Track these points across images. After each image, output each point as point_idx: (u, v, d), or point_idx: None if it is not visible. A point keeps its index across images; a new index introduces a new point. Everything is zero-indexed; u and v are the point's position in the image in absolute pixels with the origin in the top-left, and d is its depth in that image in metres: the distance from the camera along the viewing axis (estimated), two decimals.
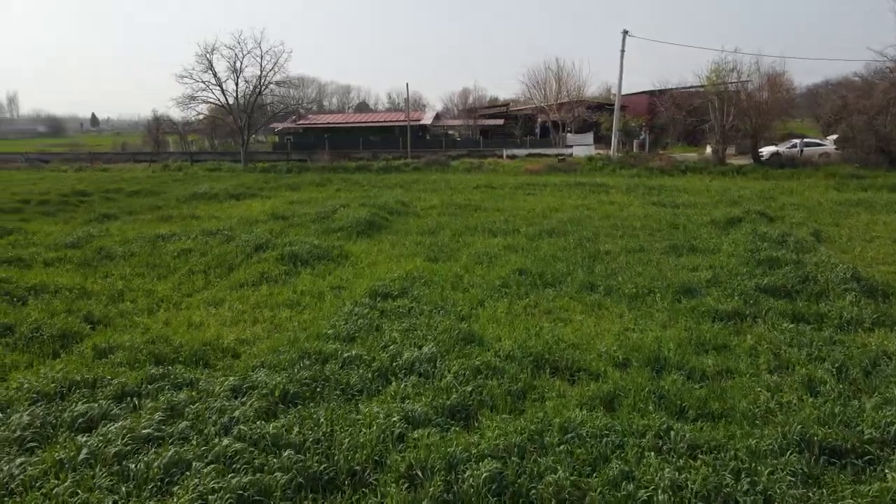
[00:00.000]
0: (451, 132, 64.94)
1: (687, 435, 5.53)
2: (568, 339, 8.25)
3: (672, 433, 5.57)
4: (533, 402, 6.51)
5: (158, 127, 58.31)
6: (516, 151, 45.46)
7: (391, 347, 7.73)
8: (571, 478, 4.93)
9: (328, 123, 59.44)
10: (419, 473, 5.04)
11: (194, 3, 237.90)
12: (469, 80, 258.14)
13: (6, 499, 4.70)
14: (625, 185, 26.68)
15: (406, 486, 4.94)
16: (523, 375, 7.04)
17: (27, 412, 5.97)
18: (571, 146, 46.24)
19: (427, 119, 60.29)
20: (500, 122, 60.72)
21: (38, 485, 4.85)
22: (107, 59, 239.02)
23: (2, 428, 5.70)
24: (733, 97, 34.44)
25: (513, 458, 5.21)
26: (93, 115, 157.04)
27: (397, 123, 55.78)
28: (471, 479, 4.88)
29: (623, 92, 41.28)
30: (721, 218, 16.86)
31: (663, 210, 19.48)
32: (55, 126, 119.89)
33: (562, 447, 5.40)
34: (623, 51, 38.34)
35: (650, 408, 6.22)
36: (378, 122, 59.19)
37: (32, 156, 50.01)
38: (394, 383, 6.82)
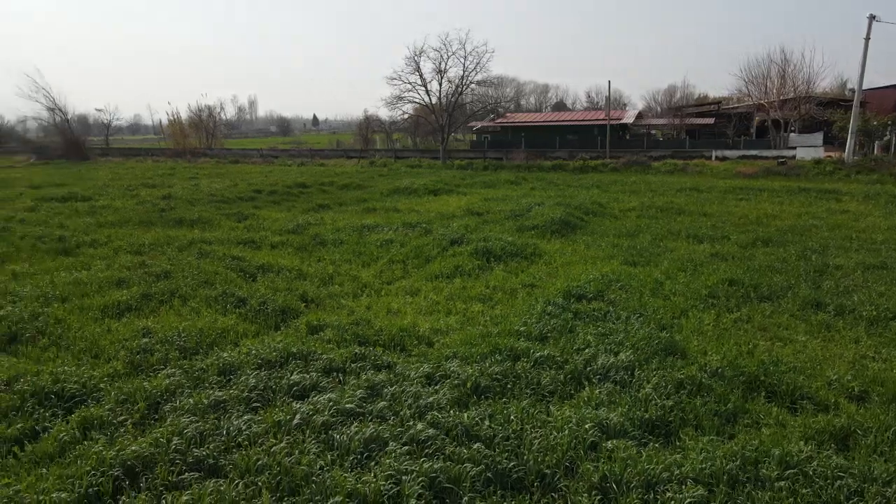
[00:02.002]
0: (653, 132, 61.87)
1: None
2: (788, 361, 7.29)
3: None
4: (745, 427, 5.81)
5: (368, 126, 63.19)
6: (727, 153, 41.81)
7: (585, 351, 7.40)
8: None
9: (525, 122, 59.83)
10: (614, 487, 4.71)
11: (403, 8, 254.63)
12: (676, 76, 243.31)
13: (234, 450, 5.25)
14: (862, 192, 23.21)
15: (599, 498, 4.65)
16: (733, 396, 6.32)
17: (253, 375, 6.66)
18: (794, 147, 41.40)
19: (628, 118, 57.98)
20: (710, 121, 56.42)
21: (259, 441, 5.36)
22: (330, 67, 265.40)
23: (234, 387, 6.42)
24: None
25: (721, 487, 4.66)
26: (314, 115, 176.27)
27: (596, 122, 54.42)
28: (672, 503, 4.45)
29: (865, 86, 35.92)
30: None
31: None
32: (284, 126, 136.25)
33: (782, 483, 4.72)
34: (868, 38, 33.30)
35: None
36: (576, 120, 58.19)
37: (265, 151, 57.05)
38: (587, 388, 6.52)
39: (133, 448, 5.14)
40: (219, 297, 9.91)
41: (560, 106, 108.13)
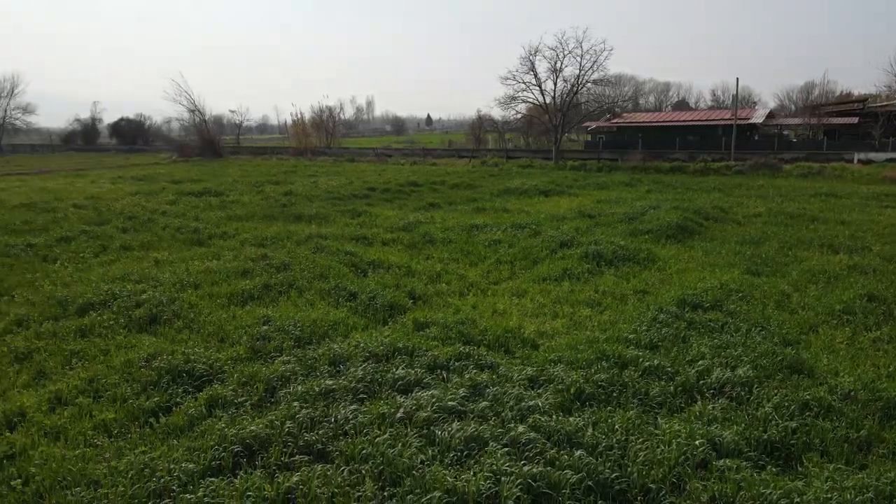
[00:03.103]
0: (785, 132, 57.52)
1: None
2: None
3: None
4: (880, 458, 5.28)
5: (480, 125, 63.56)
6: (872, 155, 38.11)
7: (699, 363, 7.03)
8: None
9: (642, 122, 57.66)
10: None
11: (518, 8, 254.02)
12: (814, 72, 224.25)
13: (341, 438, 5.48)
14: None
15: None
16: (868, 422, 5.77)
17: (361, 367, 6.91)
18: None
19: (757, 117, 54.30)
20: (853, 120, 51.57)
21: (364, 431, 5.55)
22: (445, 67, 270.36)
23: (343, 378, 6.70)
24: None
25: None
26: (428, 115, 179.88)
27: (720, 122, 51.44)
28: None
29: None
30: None
31: None
32: (398, 125, 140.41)
33: None
34: None
35: None
36: (697, 120, 55.27)
37: (379, 150, 58.96)
38: (699, 403, 6.19)
39: (251, 428, 5.49)
40: (332, 291, 10.37)
41: (681, 105, 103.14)
